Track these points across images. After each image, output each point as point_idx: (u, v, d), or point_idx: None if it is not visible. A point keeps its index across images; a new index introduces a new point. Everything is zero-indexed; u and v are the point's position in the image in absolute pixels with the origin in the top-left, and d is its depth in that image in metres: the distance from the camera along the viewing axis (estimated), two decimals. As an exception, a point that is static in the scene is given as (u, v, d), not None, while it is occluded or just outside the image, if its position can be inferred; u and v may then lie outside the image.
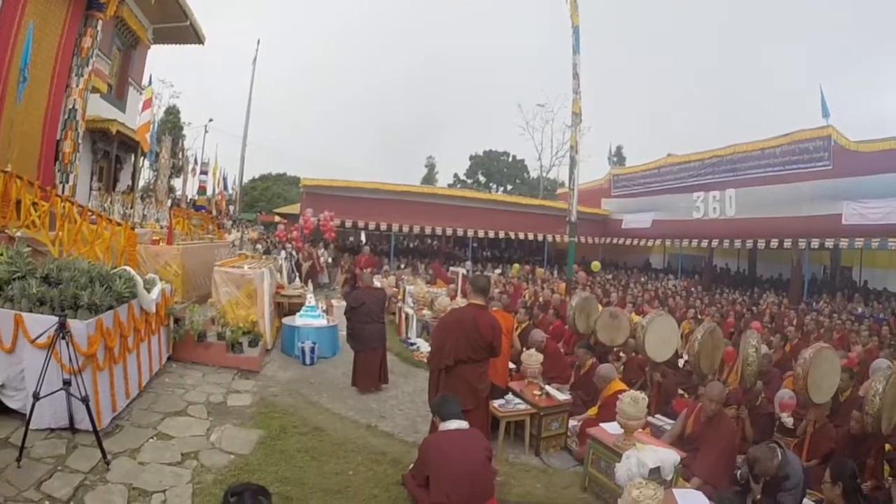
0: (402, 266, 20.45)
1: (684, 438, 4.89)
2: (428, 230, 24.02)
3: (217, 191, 24.79)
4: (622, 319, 7.58)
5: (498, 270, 21.10)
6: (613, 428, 4.63)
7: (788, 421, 5.41)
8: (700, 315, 11.96)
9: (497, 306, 7.18)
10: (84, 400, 3.86)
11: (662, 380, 6.42)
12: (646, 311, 10.13)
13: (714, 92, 61.41)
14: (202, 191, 23.84)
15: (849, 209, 16.42)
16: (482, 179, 50.58)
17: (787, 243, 18.39)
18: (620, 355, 7.55)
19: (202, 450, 4.48)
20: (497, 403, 5.41)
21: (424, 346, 9.08)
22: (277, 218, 29.03)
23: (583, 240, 23.45)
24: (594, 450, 4.65)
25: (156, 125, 17.28)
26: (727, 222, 20.85)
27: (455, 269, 15.72)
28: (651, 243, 25.58)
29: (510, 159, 50.87)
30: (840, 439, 4.96)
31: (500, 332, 4.82)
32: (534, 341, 6.83)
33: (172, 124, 31.53)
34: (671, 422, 5.56)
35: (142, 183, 20.11)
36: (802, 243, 17.92)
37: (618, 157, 45.12)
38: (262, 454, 4.56)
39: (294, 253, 14.96)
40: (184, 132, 32.39)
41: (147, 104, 12.20)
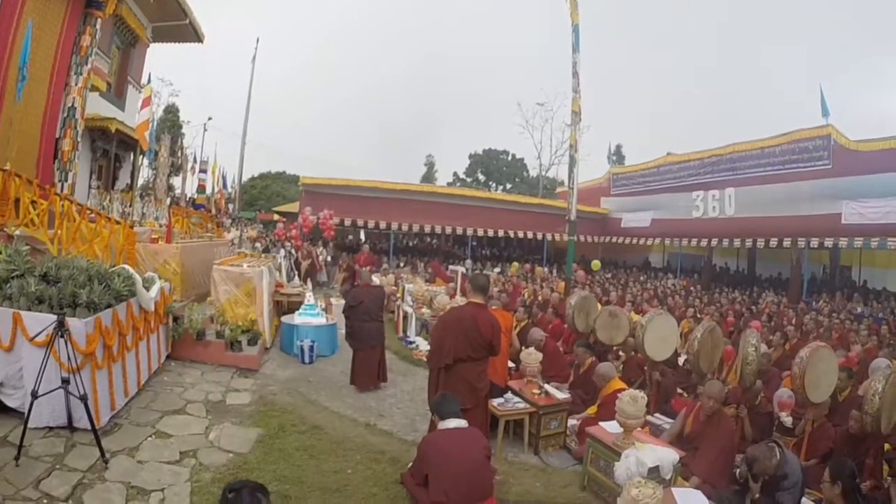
0: (402, 264, 20.45)
1: (683, 437, 4.89)
2: (427, 229, 24.00)
3: (216, 189, 24.76)
4: (622, 318, 7.57)
5: (497, 269, 21.11)
6: (612, 427, 4.63)
7: (787, 420, 5.41)
8: (699, 314, 11.96)
9: (496, 305, 7.19)
10: (82, 398, 3.86)
11: (661, 379, 6.42)
12: (645, 310, 10.13)
13: (714, 91, 61.44)
14: (201, 189, 23.80)
15: (848, 208, 16.41)
16: (482, 178, 50.57)
17: (787, 242, 18.38)
18: (620, 354, 7.55)
19: (201, 448, 4.48)
20: (496, 402, 5.41)
21: (423, 345, 9.09)
22: (276, 216, 29.03)
23: (582, 239, 23.46)
24: (593, 449, 4.65)
25: (155, 123, 17.23)
26: (726, 221, 20.83)
27: (454, 268, 15.71)
28: (650, 242, 25.59)
29: (510, 158, 50.86)
30: (839, 439, 4.96)
31: (500, 331, 4.82)
32: (533, 340, 6.82)
33: (172, 123, 31.51)
34: (670, 421, 5.55)
35: (141, 181, 20.11)
36: (802, 242, 17.91)
37: (617, 156, 45.23)
38: (261, 453, 4.56)
39: (293, 251, 14.97)
40: (183, 130, 32.45)
41: (146, 102, 12.21)
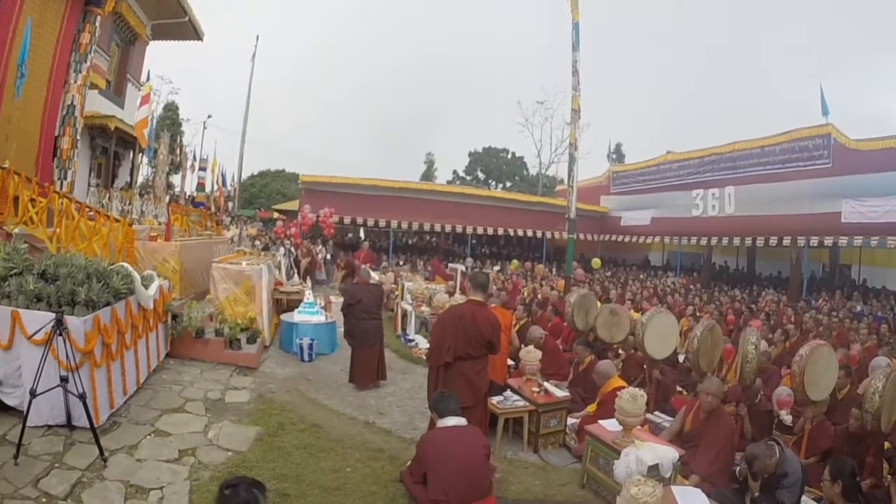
0: (401, 263, 20.45)
1: (683, 436, 4.89)
2: (427, 227, 24.00)
3: (216, 187, 24.71)
4: (622, 316, 7.56)
5: (497, 267, 21.11)
6: (612, 425, 4.62)
7: (787, 418, 5.41)
8: (699, 312, 11.96)
9: (496, 303, 7.19)
10: (81, 397, 3.85)
11: (661, 377, 6.42)
12: (645, 309, 10.13)
13: (714, 89, 61.31)
14: (201, 187, 23.75)
15: (848, 207, 16.43)
16: (481, 176, 50.51)
17: (787, 241, 18.39)
18: (619, 352, 7.54)
19: (200, 446, 4.48)
20: (495, 400, 5.40)
21: (423, 343, 9.09)
22: (276, 214, 29.00)
23: (582, 237, 23.46)
24: (593, 447, 4.64)
25: (154, 121, 17.20)
26: (726, 220, 20.84)
27: (454, 266, 15.71)
28: (650, 240, 25.60)
29: (509, 156, 50.78)
30: (839, 437, 4.96)
31: (499, 329, 4.81)
32: (532, 338, 6.82)
33: (171, 121, 31.47)
34: (670, 419, 5.56)
35: (140, 179, 20.09)
36: (801, 241, 17.92)
37: (617, 155, 45.16)
38: (260, 451, 4.55)
39: (293, 249, 14.95)
40: (182, 129, 32.39)
41: (145, 100, 12.19)
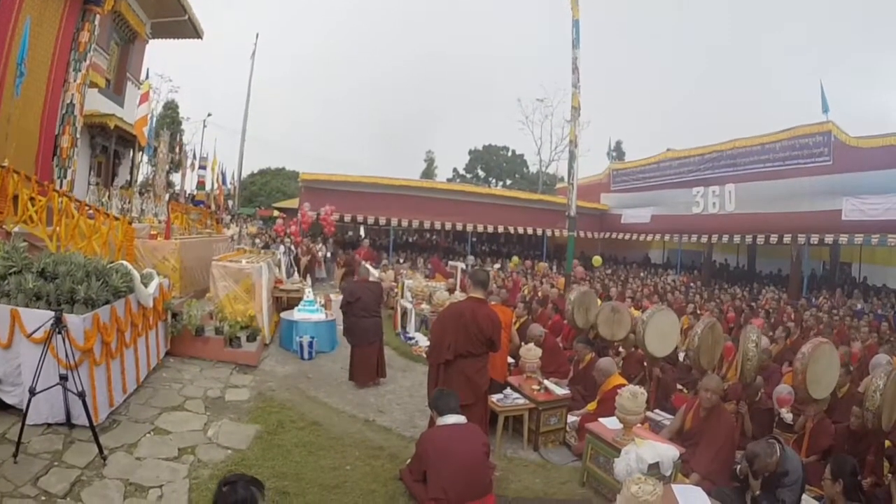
0: (401, 260, 20.45)
1: (683, 434, 4.88)
2: (427, 225, 23.99)
3: (216, 186, 24.68)
4: (623, 314, 7.55)
5: (497, 265, 21.10)
6: (612, 423, 4.61)
7: (788, 416, 5.40)
8: (699, 310, 11.95)
9: (496, 300, 7.17)
10: (81, 395, 3.84)
11: (661, 375, 6.41)
12: (645, 307, 10.13)
13: (714, 87, 61.17)
14: (201, 186, 23.70)
15: (848, 205, 16.40)
16: (481, 174, 50.43)
17: (787, 239, 18.37)
18: (620, 350, 7.54)
19: (199, 445, 4.48)
20: (495, 398, 5.39)
21: (423, 341, 9.08)
22: (276, 212, 28.98)
23: (582, 235, 23.44)
24: (593, 445, 4.64)
25: (154, 120, 17.19)
26: (727, 217, 20.82)
27: (454, 264, 15.71)
28: (650, 238, 25.57)
29: (509, 154, 50.71)
30: (840, 435, 4.96)
31: (500, 327, 4.80)
32: (532, 336, 6.82)
33: (171, 119, 31.45)
34: (670, 417, 5.55)
35: (141, 178, 20.09)
36: (802, 239, 17.90)
37: (617, 152, 45.15)
38: (260, 449, 4.55)
39: (293, 247, 14.95)
40: (182, 127, 32.35)
41: (144, 98, 12.16)
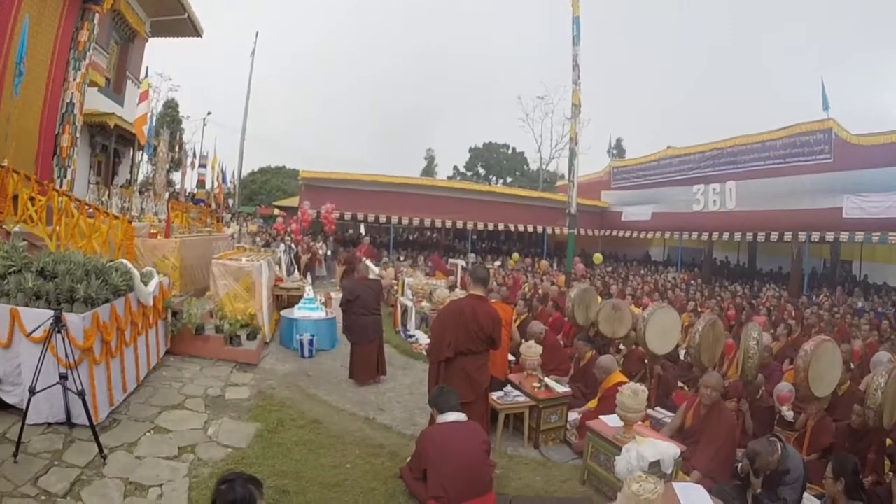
0: (402, 258, 20.44)
1: (683, 431, 4.87)
2: (427, 222, 23.98)
3: (216, 184, 24.68)
4: (625, 311, 7.54)
5: (497, 263, 21.10)
6: (613, 421, 4.60)
7: (789, 414, 5.40)
8: (699, 308, 11.95)
9: (496, 298, 7.17)
10: (80, 394, 3.84)
11: (662, 372, 6.40)
12: (645, 304, 10.12)
13: (714, 89, 60.98)
14: (201, 184, 23.70)
15: (849, 203, 16.36)
16: (482, 171, 50.31)
17: (788, 236, 18.35)
18: (621, 347, 7.53)
19: (199, 443, 4.47)
20: (496, 396, 5.39)
21: (423, 338, 9.08)
22: (277, 211, 28.96)
23: (582, 232, 23.41)
24: (593, 443, 4.62)
25: (154, 119, 17.17)
26: (727, 215, 20.78)
27: (454, 261, 15.71)
28: (651, 236, 25.54)
29: (510, 151, 50.61)
30: (841, 434, 4.94)
31: (500, 324, 4.79)
32: (533, 333, 6.81)
33: (171, 118, 31.44)
34: (671, 415, 5.53)
35: (141, 177, 20.08)
36: (802, 236, 17.88)
37: (618, 150, 45.07)
38: (260, 447, 4.54)
39: (293, 246, 14.95)
40: (182, 126, 32.33)
41: (143, 97, 12.14)
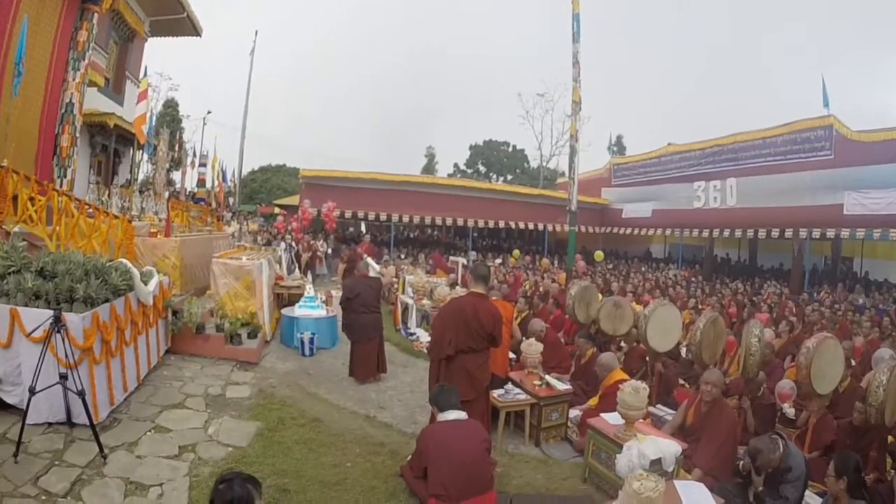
0: (403, 256, 20.43)
1: (685, 429, 4.86)
2: (428, 220, 23.98)
3: (216, 183, 24.70)
4: (626, 309, 7.53)
5: (498, 260, 21.09)
6: (614, 418, 4.59)
7: (790, 412, 5.38)
8: (700, 305, 11.93)
9: (497, 295, 7.15)
10: (80, 394, 3.83)
11: (663, 370, 6.39)
12: (647, 301, 10.11)
13: (715, 81, 60.86)
14: (201, 183, 23.74)
15: (850, 199, 16.34)
16: (482, 169, 50.30)
17: (788, 233, 18.33)
18: (622, 345, 7.52)
19: (200, 442, 4.47)
20: (497, 393, 5.38)
21: (424, 336, 9.07)
22: (277, 209, 28.96)
23: (583, 229, 23.39)
24: (594, 440, 4.61)
25: (154, 118, 17.16)
26: (728, 212, 20.76)
27: (455, 259, 15.69)
28: (651, 233, 25.54)
29: (510, 149, 50.60)
30: (842, 431, 4.92)
31: (501, 322, 4.78)
32: (534, 331, 6.80)
33: (171, 117, 31.43)
34: (672, 412, 5.52)
35: (141, 176, 20.09)
36: (803, 233, 17.86)
37: (618, 147, 44.96)
38: (260, 446, 4.54)
39: (293, 244, 14.94)
40: (182, 125, 32.32)
41: (142, 96, 12.14)
